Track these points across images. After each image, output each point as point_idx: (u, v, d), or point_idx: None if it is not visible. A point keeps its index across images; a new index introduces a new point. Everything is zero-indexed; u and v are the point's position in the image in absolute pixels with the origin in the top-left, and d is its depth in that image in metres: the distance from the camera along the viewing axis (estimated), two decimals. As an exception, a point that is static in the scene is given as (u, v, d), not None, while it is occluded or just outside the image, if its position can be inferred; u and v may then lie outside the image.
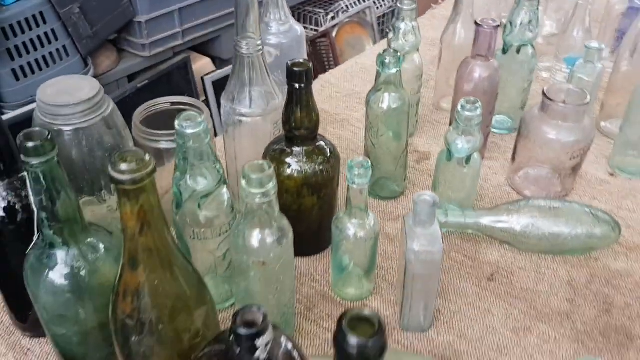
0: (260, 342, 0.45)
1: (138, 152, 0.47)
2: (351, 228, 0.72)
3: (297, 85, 0.70)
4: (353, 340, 0.37)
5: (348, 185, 0.69)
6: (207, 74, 2.01)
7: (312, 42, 2.44)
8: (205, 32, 2.03)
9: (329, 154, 0.78)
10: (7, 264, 0.67)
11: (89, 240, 0.60)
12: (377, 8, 2.69)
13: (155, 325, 0.52)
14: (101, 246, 0.60)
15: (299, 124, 0.74)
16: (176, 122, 0.62)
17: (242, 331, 0.44)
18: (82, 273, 0.59)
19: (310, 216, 0.80)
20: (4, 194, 0.63)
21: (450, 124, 0.95)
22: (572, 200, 0.92)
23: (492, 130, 1.05)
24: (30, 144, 0.52)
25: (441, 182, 0.86)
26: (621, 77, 1.04)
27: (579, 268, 0.82)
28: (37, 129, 0.54)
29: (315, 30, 2.55)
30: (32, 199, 0.55)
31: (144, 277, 0.51)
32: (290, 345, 0.49)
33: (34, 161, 0.53)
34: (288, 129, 0.75)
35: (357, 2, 2.62)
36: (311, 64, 0.71)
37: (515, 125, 1.04)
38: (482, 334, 0.74)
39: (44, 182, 0.54)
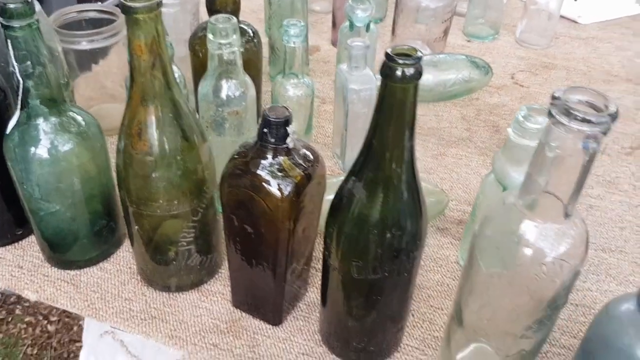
0: (290, 128, 0.52)
1: (143, -17, 0.51)
2: (290, 89, 0.81)
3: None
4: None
5: (285, 48, 0.77)
6: None
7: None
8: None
9: (252, 34, 0.85)
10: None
11: (70, 111, 0.61)
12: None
13: (174, 157, 0.57)
14: (80, 118, 0.62)
15: (223, 4, 0.79)
16: None
17: (274, 118, 0.51)
18: (73, 141, 0.60)
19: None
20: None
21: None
22: (450, 52, 1.08)
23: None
24: (12, 5, 0.53)
25: (343, 55, 0.97)
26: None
27: (467, 107, 0.99)
28: (15, -8, 0.55)
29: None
30: (16, 68, 0.56)
31: (159, 112, 0.55)
32: (308, 145, 0.57)
33: (18, 23, 0.54)
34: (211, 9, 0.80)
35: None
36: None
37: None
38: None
39: (29, 47, 0.55)
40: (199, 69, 0.82)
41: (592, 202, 0.81)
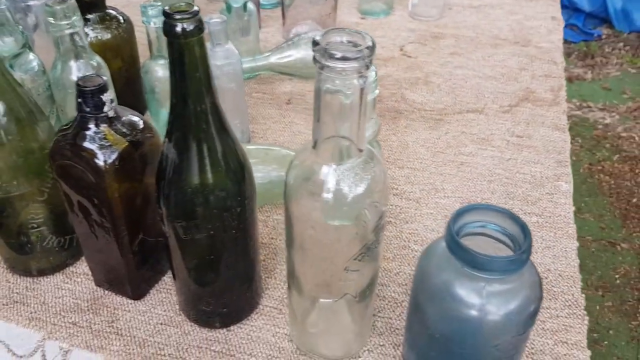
0: (107, 96, 0.53)
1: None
2: (160, 70, 0.81)
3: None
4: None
5: (148, 31, 0.78)
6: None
7: None
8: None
9: (122, 20, 0.85)
10: None
11: None
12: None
13: (5, 137, 0.57)
14: None
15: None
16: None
17: (87, 87, 0.52)
18: None
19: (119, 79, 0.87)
20: None
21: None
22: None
23: (263, 5, 1.20)
24: None
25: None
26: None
27: (353, 79, 1.01)
28: None
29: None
30: None
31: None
32: (136, 114, 0.58)
33: None
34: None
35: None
36: None
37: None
38: (292, 136, 0.89)
39: None
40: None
41: (464, 160, 0.83)
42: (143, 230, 0.60)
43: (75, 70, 0.69)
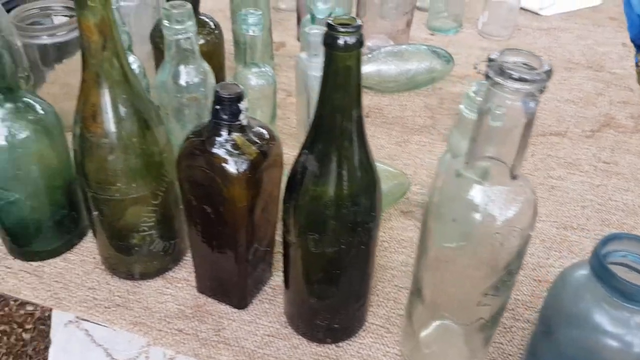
0: (243, 105, 0.53)
1: (93, -35, 0.52)
2: (252, 78, 0.81)
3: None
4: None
5: (244, 39, 0.78)
6: None
7: None
8: None
9: (213, 26, 0.85)
10: None
11: (26, 98, 0.61)
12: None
13: (129, 139, 0.57)
14: (38, 106, 0.62)
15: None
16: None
17: (226, 95, 0.52)
18: (30, 128, 0.60)
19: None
20: None
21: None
22: (412, 43, 1.09)
23: (330, 16, 1.20)
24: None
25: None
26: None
27: (430, 96, 1.01)
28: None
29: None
30: (-33, 54, 0.56)
31: (112, 93, 0.55)
32: (262, 123, 0.57)
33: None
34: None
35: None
36: None
37: (348, 8, 1.20)
38: (375, 150, 0.88)
39: (-21, 33, 0.55)
40: (161, 62, 0.82)
41: (554, 183, 0.83)
42: (258, 240, 0.60)
43: (184, 75, 0.69)
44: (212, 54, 0.86)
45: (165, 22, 0.65)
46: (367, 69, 0.98)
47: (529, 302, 0.66)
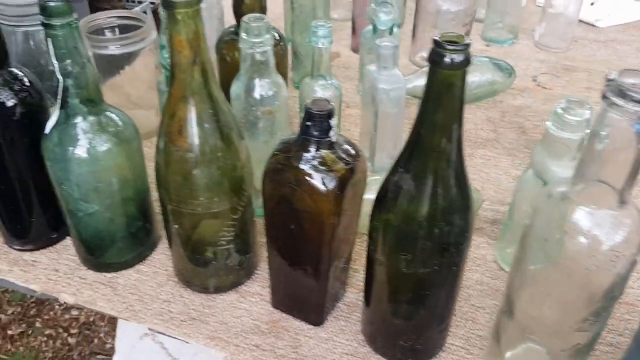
0: (333, 121, 0.52)
1: (185, -20, 0.51)
2: (319, 90, 0.81)
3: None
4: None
5: (313, 50, 0.78)
6: None
7: (153, 13, 2.42)
8: None
9: (278, 37, 0.85)
10: (6, 171, 0.65)
11: (108, 111, 0.61)
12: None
13: (214, 154, 0.56)
14: (118, 118, 0.62)
15: (250, 8, 0.80)
16: None
17: (317, 111, 0.51)
18: (111, 140, 0.60)
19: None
20: (-3, 89, 0.61)
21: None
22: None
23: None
24: (52, 4, 0.54)
25: (365, 59, 0.98)
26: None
27: (491, 109, 0.99)
28: (59, -8, 0.55)
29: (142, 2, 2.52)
30: (56, 67, 0.56)
31: (199, 108, 0.55)
32: (348, 140, 0.56)
33: (58, 22, 0.54)
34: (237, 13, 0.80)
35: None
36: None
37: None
38: (439, 164, 0.87)
39: (69, 45, 0.55)
40: (226, 74, 0.82)
41: None
42: (338, 257, 0.59)
43: (259, 88, 0.68)
44: (277, 66, 0.85)
45: (243, 35, 0.65)
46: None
47: (611, 325, 0.64)
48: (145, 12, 2.41)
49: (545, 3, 1.15)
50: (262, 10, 0.80)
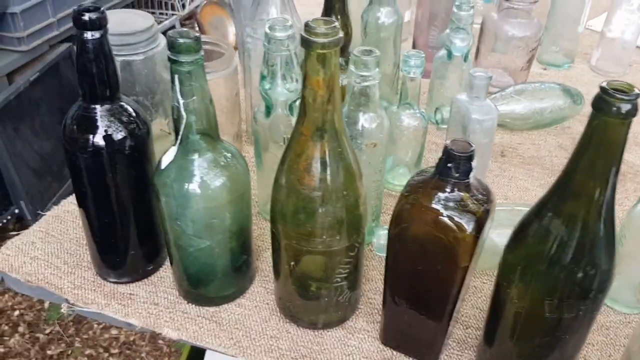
0: (474, 163, 0.52)
1: (328, 18, 0.51)
2: (405, 119, 0.80)
3: None
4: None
5: (403, 78, 0.77)
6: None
7: (181, 25, 2.43)
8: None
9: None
10: (110, 204, 0.64)
11: (222, 146, 0.61)
12: (234, -13, 2.74)
13: (341, 192, 0.56)
14: (230, 154, 0.61)
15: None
16: (266, 27, 0.65)
17: (459, 152, 0.50)
18: (226, 176, 0.59)
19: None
20: (107, 121, 0.60)
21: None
22: (541, 80, 1.08)
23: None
24: (182, 41, 0.53)
25: (436, 85, 0.97)
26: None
27: (561, 135, 0.99)
28: (185, 29, 0.54)
29: (173, 15, 2.53)
30: (180, 103, 0.55)
31: (329, 147, 0.54)
32: (478, 178, 0.56)
33: (186, 59, 0.53)
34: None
35: (214, -17, 2.65)
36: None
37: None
38: (519, 192, 0.86)
39: (195, 82, 0.55)
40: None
41: None
42: (463, 298, 0.58)
43: (363, 121, 0.67)
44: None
45: (352, 68, 0.64)
46: (501, 108, 0.96)
47: None
48: (174, 26, 2.41)
49: (603, 27, 1.16)
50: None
